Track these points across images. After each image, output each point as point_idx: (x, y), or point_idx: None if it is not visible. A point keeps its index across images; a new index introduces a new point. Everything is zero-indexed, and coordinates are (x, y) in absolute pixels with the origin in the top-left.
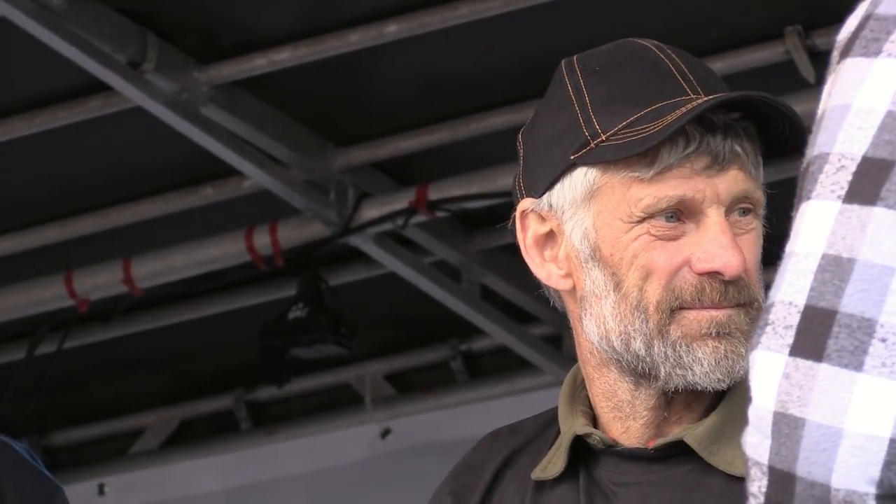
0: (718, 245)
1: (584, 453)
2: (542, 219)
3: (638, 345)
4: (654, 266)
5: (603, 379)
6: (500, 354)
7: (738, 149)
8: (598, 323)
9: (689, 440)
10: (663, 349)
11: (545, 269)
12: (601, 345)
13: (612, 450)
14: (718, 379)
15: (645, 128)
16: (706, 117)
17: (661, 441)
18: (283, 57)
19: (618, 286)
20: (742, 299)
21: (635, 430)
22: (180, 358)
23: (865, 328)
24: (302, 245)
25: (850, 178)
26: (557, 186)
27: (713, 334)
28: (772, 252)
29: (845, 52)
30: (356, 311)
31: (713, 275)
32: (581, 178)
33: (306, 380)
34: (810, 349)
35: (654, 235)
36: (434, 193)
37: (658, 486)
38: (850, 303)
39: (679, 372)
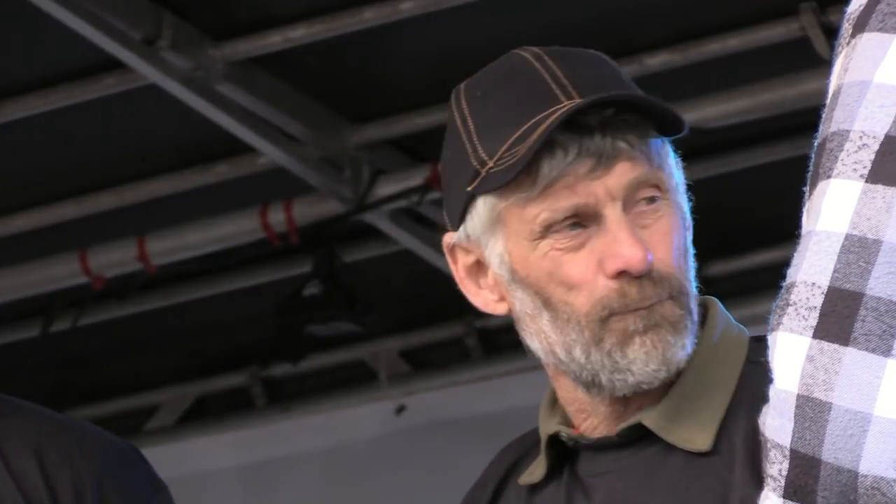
0: (618, 244)
1: (568, 453)
2: (467, 250)
3: (578, 352)
4: (572, 279)
5: (562, 387)
6: (514, 331)
7: (622, 143)
8: (539, 339)
9: (646, 422)
10: (600, 357)
11: (481, 297)
12: (548, 358)
13: (584, 444)
14: (655, 370)
15: (519, 148)
16: (580, 121)
17: (621, 426)
18: (299, 34)
19: (546, 303)
20: (663, 294)
21: (599, 424)
22: (195, 335)
23: (893, 312)
24: (317, 222)
25: (872, 157)
26: (468, 218)
27: (640, 329)
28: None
29: (860, 27)
30: (371, 288)
31: (623, 274)
32: (483, 208)
33: (321, 357)
34: (836, 332)
35: (559, 249)
36: None
37: (625, 471)
38: (878, 285)
39: (619, 377)
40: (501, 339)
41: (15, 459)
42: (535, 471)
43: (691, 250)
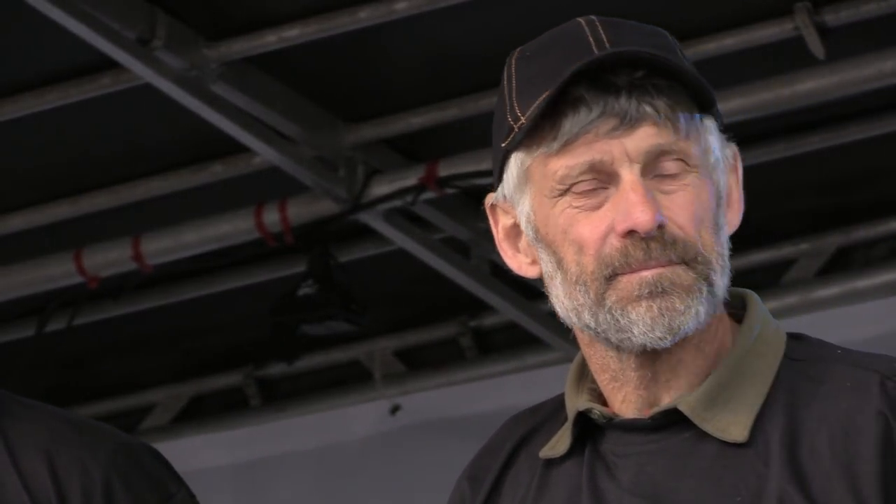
0: (629, 203)
1: (592, 430)
2: (505, 210)
3: (587, 317)
4: (582, 239)
5: (596, 354)
6: (509, 331)
7: (648, 107)
8: (556, 302)
9: (682, 408)
10: (604, 316)
11: (516, 260)
12: (567, 321)
13: (614, 423)
14: (659, 337)
15: (541, 102)
16: (608, 80)
17: (656, 410)
18: (293, 34)
19: (559, 264)
20: (670, 257)
21: (630, 396)
22: (190, 334)
23: None
24: (312, 222)
25: None
26: (505, 176)
27: (645, 294)
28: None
29: None
30: (366, 288)
31: (632, 234)
32: (514, 165)
33: (316, 356)
34: None
35: (576, 207)
36: (444, 170)
37: (654, 454)
38: None
39: (621, 335)
40: (496, 339)
41: (25, 461)
42: (558, 445)
43: (721, 227)
